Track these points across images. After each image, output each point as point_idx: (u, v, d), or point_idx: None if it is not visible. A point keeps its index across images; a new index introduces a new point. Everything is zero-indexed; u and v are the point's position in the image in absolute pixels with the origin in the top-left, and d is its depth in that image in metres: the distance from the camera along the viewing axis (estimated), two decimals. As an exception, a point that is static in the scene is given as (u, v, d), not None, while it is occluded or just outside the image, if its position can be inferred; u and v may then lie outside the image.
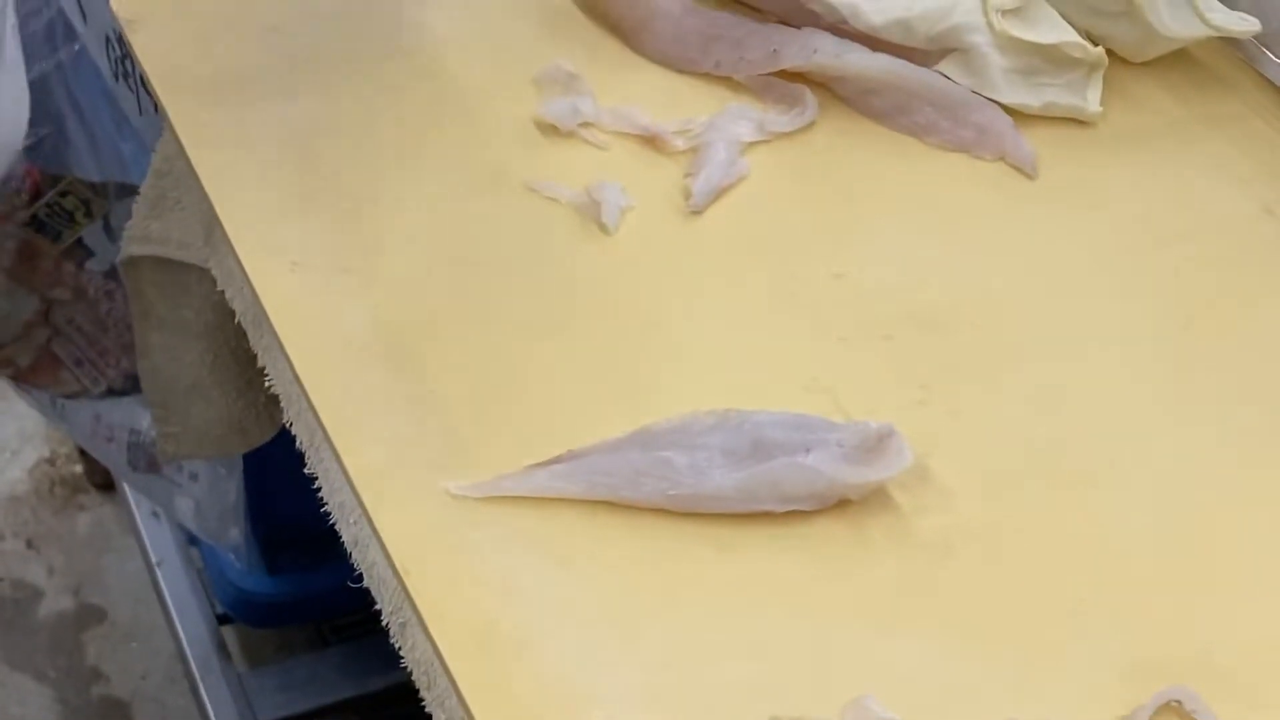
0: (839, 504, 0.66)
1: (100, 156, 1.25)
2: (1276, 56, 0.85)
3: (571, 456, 0.67)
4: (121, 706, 1.51)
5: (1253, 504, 0.68)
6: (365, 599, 1.14)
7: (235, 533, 1.25)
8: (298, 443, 0.72)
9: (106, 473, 1.57)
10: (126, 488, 1.43)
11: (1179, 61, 0.86)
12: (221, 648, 1.39)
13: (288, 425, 0.73)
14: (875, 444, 0.66)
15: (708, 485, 0.65)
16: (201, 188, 0.78)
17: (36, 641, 1.52)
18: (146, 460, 1.29)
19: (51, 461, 1.69)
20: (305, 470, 0.71)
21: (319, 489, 0.71)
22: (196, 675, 1.36)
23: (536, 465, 0.67)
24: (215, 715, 1.32)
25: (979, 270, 0.77)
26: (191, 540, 1.39)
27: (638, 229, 0.78)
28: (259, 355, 0.76)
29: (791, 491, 0.65)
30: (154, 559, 1.43)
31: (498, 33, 0.86)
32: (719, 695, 0.61)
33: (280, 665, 1.40)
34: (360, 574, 0.68)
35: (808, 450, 0.66)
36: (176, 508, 1.29)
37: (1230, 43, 0.86)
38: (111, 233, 1.27)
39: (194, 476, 1.25)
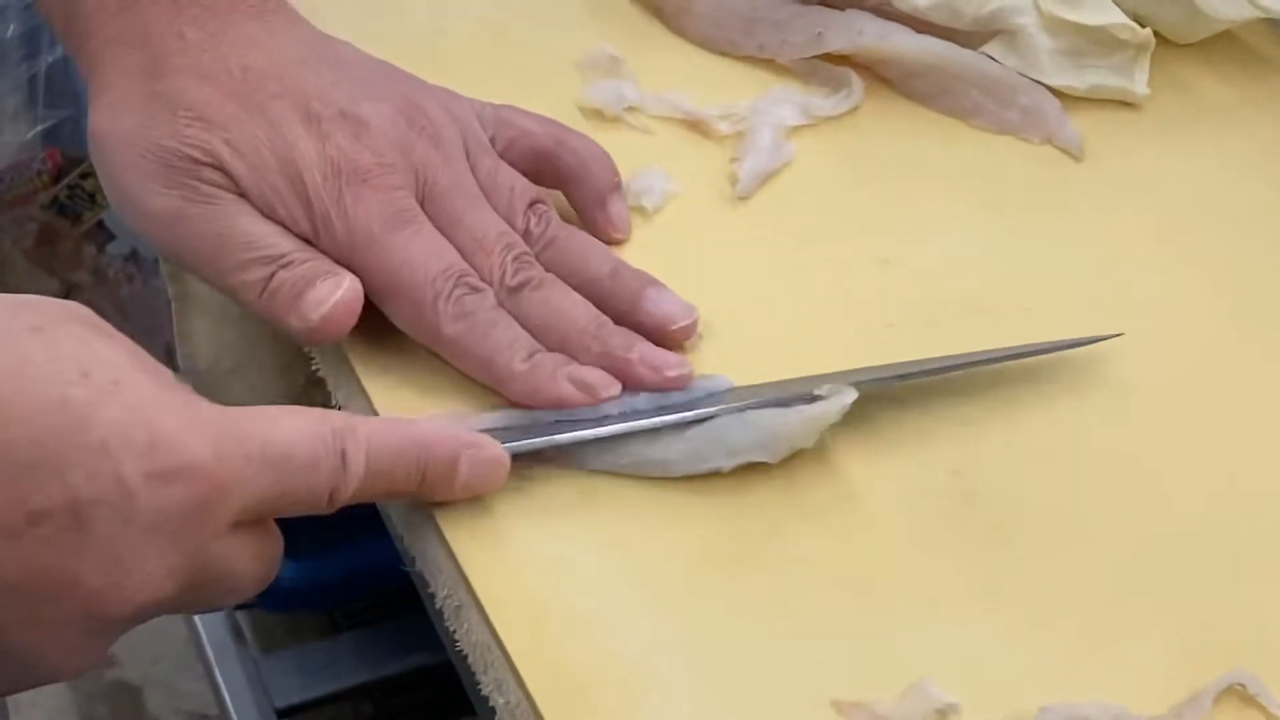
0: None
1: (122, 138, 1.24)
2: (1323, 39, 0.85)
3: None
4: (133, 691, 1.51)
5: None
6: (379, 585, 1.13)
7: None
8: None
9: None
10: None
11: (1225, 43, 0.85)
12: (236, 632, 1.39)
13: (336, 407, 0.73)
14: (824, 394, 0.67)
15: (656, 453, 0.66)
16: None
17: (51, 627, 1.52)
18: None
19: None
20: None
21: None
22: (212, 659, 1.36)
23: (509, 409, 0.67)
24: (232, 700, 1.32)
25: (1025, 254, 0.77)
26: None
27: (683, 214, 0.78)
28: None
29: (737, 444, 0.66)
30: (170, 543, 1.42)
31: (541, 17, 0.86)
32: (776, 677, 0.60)
33: (295, 650, 1.40)
34: (386, 560, 0.68)
35: (754, 407, 0.66)
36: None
37: (1276, 25, 0.86)
38: (132, 216, 1.26)
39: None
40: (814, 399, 0.67)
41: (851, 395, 0.67)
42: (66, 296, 1.29)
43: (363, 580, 1.25)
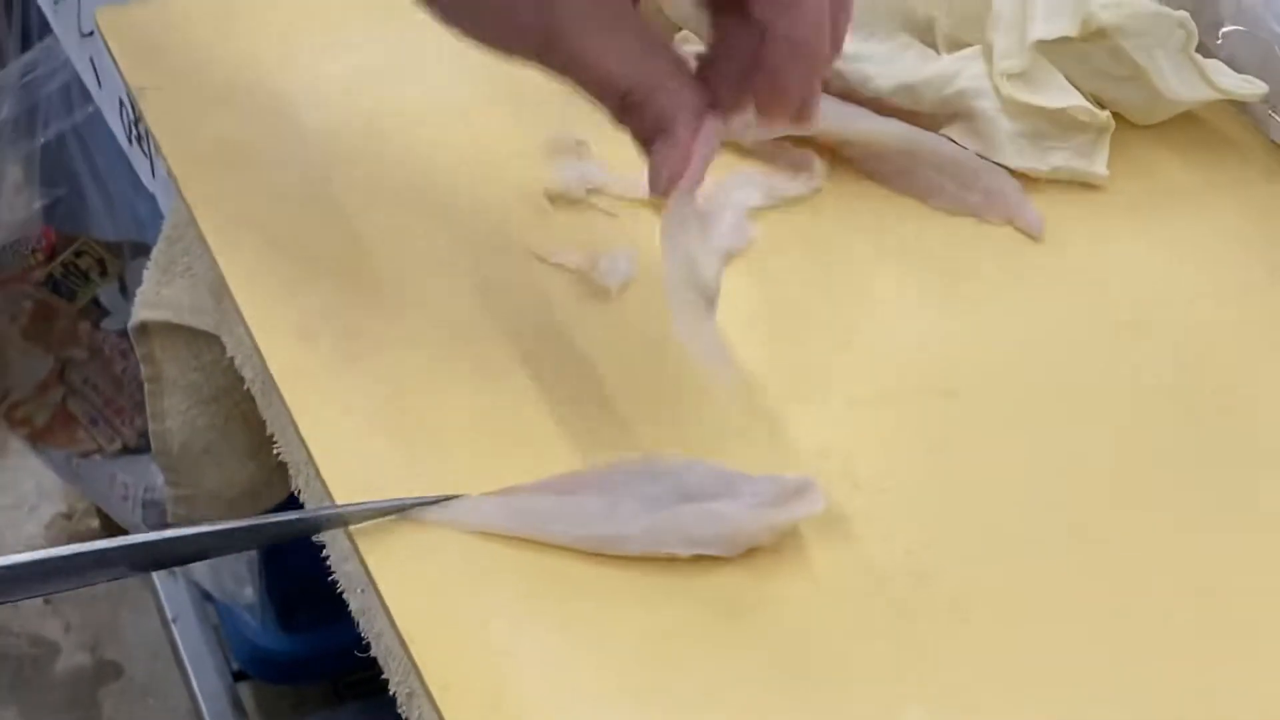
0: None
1: (115, 217, 1.26)
2: (1283, 120, 0.85)
3: (510, 491, 0.68)
4: (134, 765, 1.52)
5: (1269, 570, 0.68)
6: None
7: (249, 591, 1.25)
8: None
9: (123, 528, 1.58)
10: (142, 544, 1.43)
11: (1186, 124, 0.86)
12: (237, 704, 1.39)
13: (296, 493, 0.74)
14: (791, 494, 0.67)
15: (614, 528, 0.67)
16: (211, 255, 0.78)
17: (53, 698, 1.53)
18: (162, 518, 1.29)
19: (68, 516, 1.70)
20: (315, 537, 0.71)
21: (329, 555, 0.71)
22: (214, 733, 1.37)
23: (483, 495, 0.68)
24: (234, 772, 1.32)
25: (987, 334, 0.77)
26: (207, 596, 1.39)
27: (645, 295, 0.78)
28: (268, 423, 0.76)
29: (697, 535, 0.66)
30: (170, 615, 1.43)
31: (508, 99, 0.87)
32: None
33: (298, 722, 1.41)
34: (368, 642, 0.68)
35: (718, 498, 0.67)
36: (191, 566, 1.29)
37: (1238, 106, 0.86)
38: (127, 292, 1.28)
39: (208, 534, 1.25)
40: (779, 498, 0.68)
41: (819, 505, 0.67)
42: (62, 372, 1.31)
43: (364, 650, 1.26)
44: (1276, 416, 0.75)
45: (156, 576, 1.43)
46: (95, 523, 1.67)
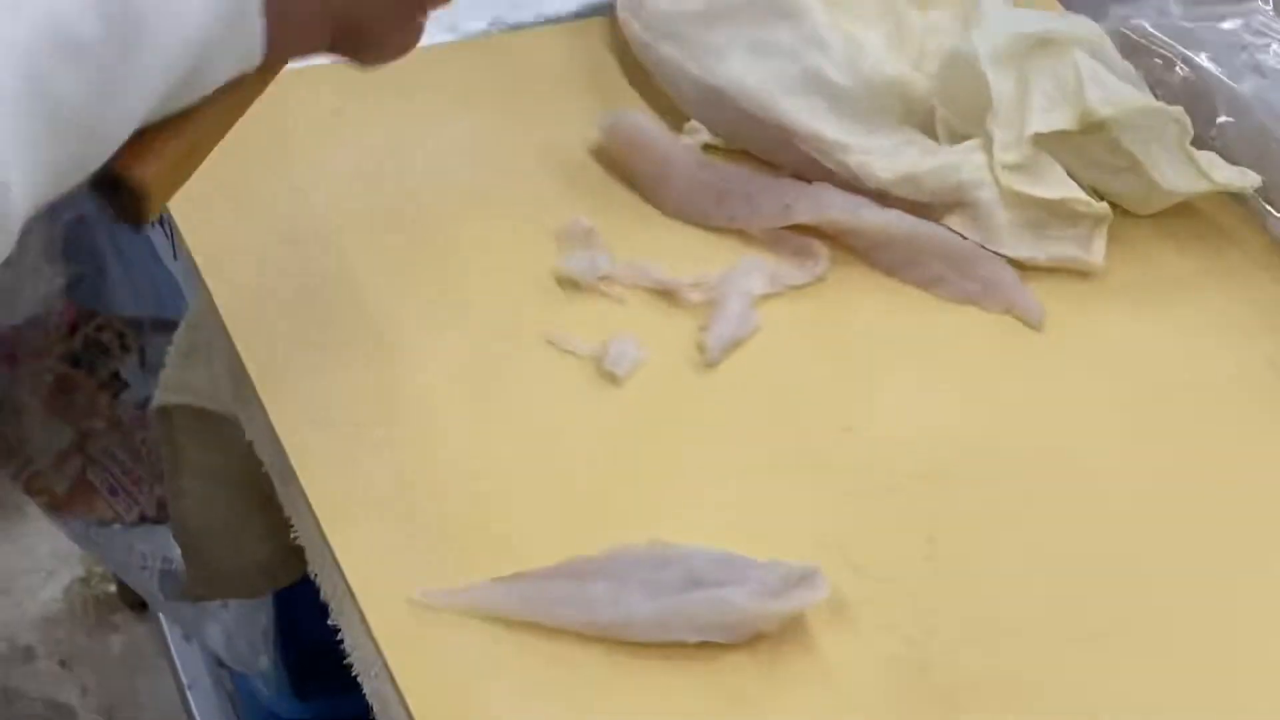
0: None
1: (137, 292, 1.28)
2: (1277, 210, 0.87)
3: (520, 576, 0.70)
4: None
5: (1266, 654, 0.70)
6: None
7: (265, 660, 1.26)
8: (322, 594, 0.74)
9: (139, 595, 1.59)
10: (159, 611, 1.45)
11: (1183, 214, 0.88)
12: (253, 780, 1.40)
13: (312, 575, 0.75)
14: (796, 581, 0.69)
15: (621, 614, 0.68)
16: (231, 342, 0.80)
17: (69, 763, 1.54)
18: (179, 588, 1.31)
19: (86, 581, 1.71)
20: (330, 620, 0.73)
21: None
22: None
23: (494, 580, 0.70)
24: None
25: (986, 422, 0.79)
26: (221, 664, 1.40)
27: (653, 380, 0.80)
28: (285, 507, 0.78)
29: (703, 622, 0.68)
30: (185, 681, 1.44)
31: (522, 188, 0.89)
32: None
33: (312, 791, 1.41)
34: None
35: (724, 585, 0.68)
36: (207, 634, 1.31)
37: (1233, 197, 0.88)
38: (146, 365, 1.30)
39: (224, 604, 1.27)
40: (784, 586, 0.69)
41: (823, 593, 0.69)
42: (82, 443, 1.32)
43: None
44: (1273, 500, 0.76)
45: (173, 642, 1.44)
46: (112, 588, 1.68)
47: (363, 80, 0.93)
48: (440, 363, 0.80)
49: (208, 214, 0.86)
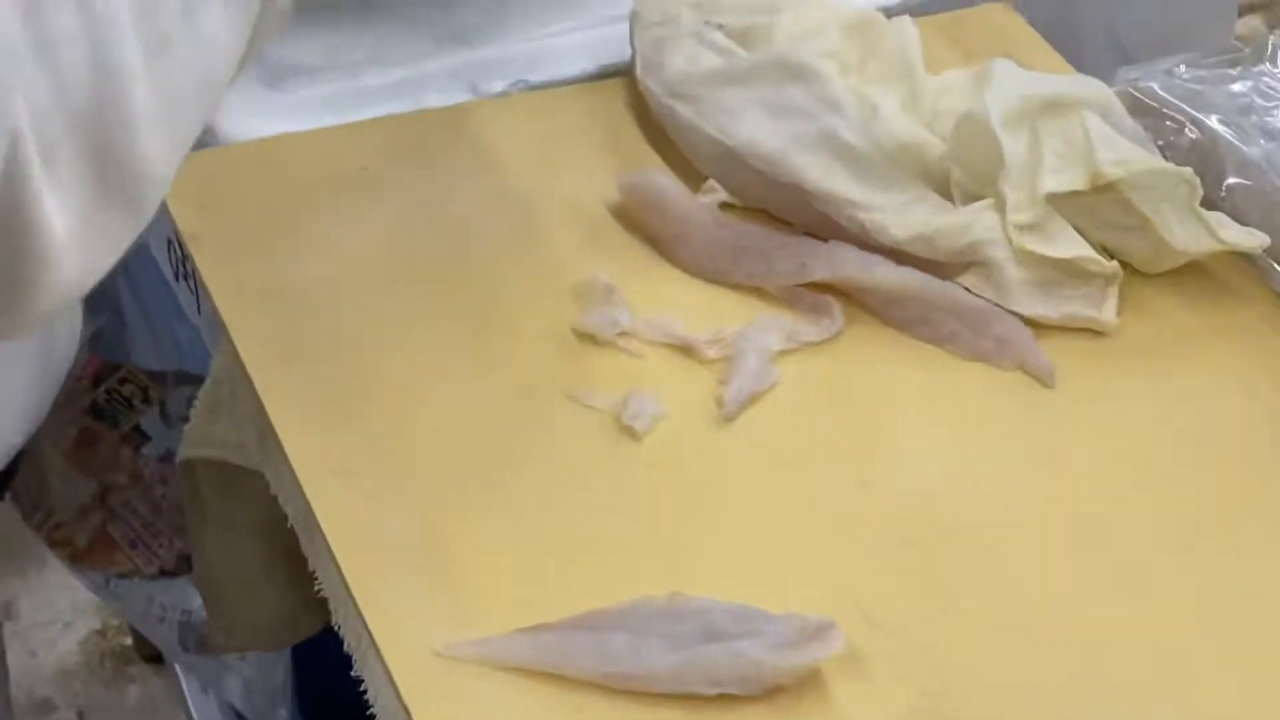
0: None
1: (159, 345, 1.29)
2: (1286, 270, 0.88)
3: (540, 628, 0.71)
4: None
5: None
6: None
7: (283, 713, 1.27)
8: (345, 645, 0.75)
9: (156, 648, 1.60)
10: (176, 664, 1.46)
11: (1192, 273, 0.89)
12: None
13: (336, 628, 0.76)
14: (812, 634, 0.70)
15: (640, 666, 0.69)
16: (256, 396, 0.82)
17: (85, 815, 1.54)
18: (197, 640, 1.32)
19: (103, 633, 1.72)
20: (353, 672, 0.74)
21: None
22: None
23: (515, 631, 0.71)
24: None
25: (999, 478, 0.80)
26: (240, 716, 1.41)
27: (671, 435, 0.81)
28: (309, 559, 0.79)
29: (720, 675, 0.69)
30: (203, 734, 1.45)
31: (542, 244, 0.90)
32: None
33: None
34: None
35: (741, 638, 0.70)
36: (225, 686, 1.32)
37: (1241, 256, 0.89)
38: (168, 419, 1.31)
39: (243, 656, 1.28)
40: (800, 639, 0.70)
41: (839, 646, 0.70)
42: (103, 496, 1.34)
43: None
44: (1275, 552, 0.77)
45: (189, 694, 1.45)
46: (129, 640, 1.69)
47: (388, 139, 0.95)
48: (462, 416, 0.81)
49: (233, 268, 0.88)
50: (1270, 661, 0.73)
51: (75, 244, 0.59)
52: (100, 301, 1.27)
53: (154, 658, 1.66)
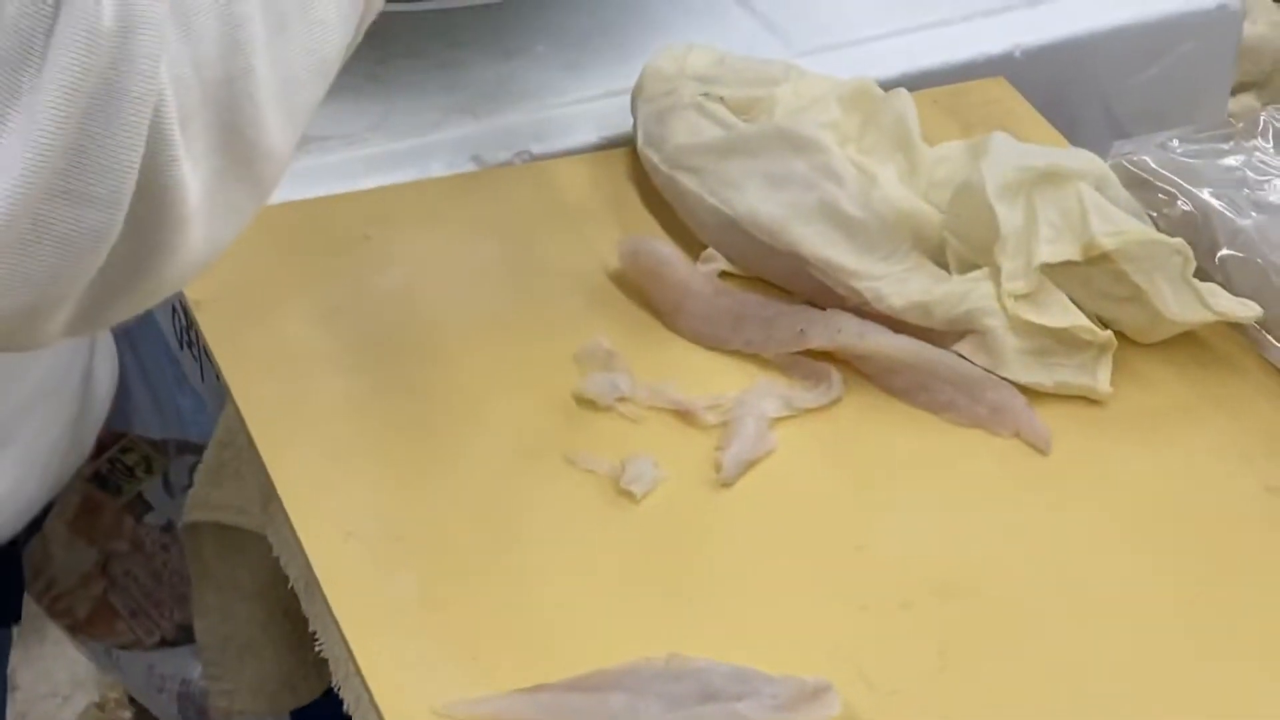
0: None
1: (162, 414, 1.30)
2: (1277, 340, 0.89)
3: (540, 689, 0.72)
4: None
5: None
6: None
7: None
8: (345, 706, 0.76)
9: (155, 719, 1.60)
10: (175, 735, 1.46)
11: (1186, 343, 0.90)
12: None
13: (336, 688, 0.77)
14: (809, 697, 0.70)
15: None
16: (260, 459, 0.83)
17: None
18: (196, 710, 1.32)
19: (101, 706, 1.72)
20: (351, 730, 0.75)
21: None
22: None
23: (514, 691, 0.71)
24: None
25: (994, 542, 0.81)
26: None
27: (669, 500, 0.82)
28: (311, 620, 0.80)
29: None
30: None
31: (544, 311, 0.91)
32: None
33: None
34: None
35: (739, 699, 0.70)
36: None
37: (1234, 326, 0.90)
38: (170, 488, 1.32)
39: (242, 725, 1.27)
40: (796, 700, 0.71)
41: (835, 709, 0.70)
42: (105, 565, 1.34)
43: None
44: (1270, 625, 0.78)
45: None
46: (128, 714, 1.69)
47: (392, 207, 0.97)
48: (463, 479, 0.82)
49: (237, 332, 0.89)
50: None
51: (204, 213, 0.61)
52: (104, 370, 1.29)
53: (153, 730, 1.65)
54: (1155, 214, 0.92)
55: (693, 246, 0.94)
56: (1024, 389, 0.87)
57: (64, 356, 0.91)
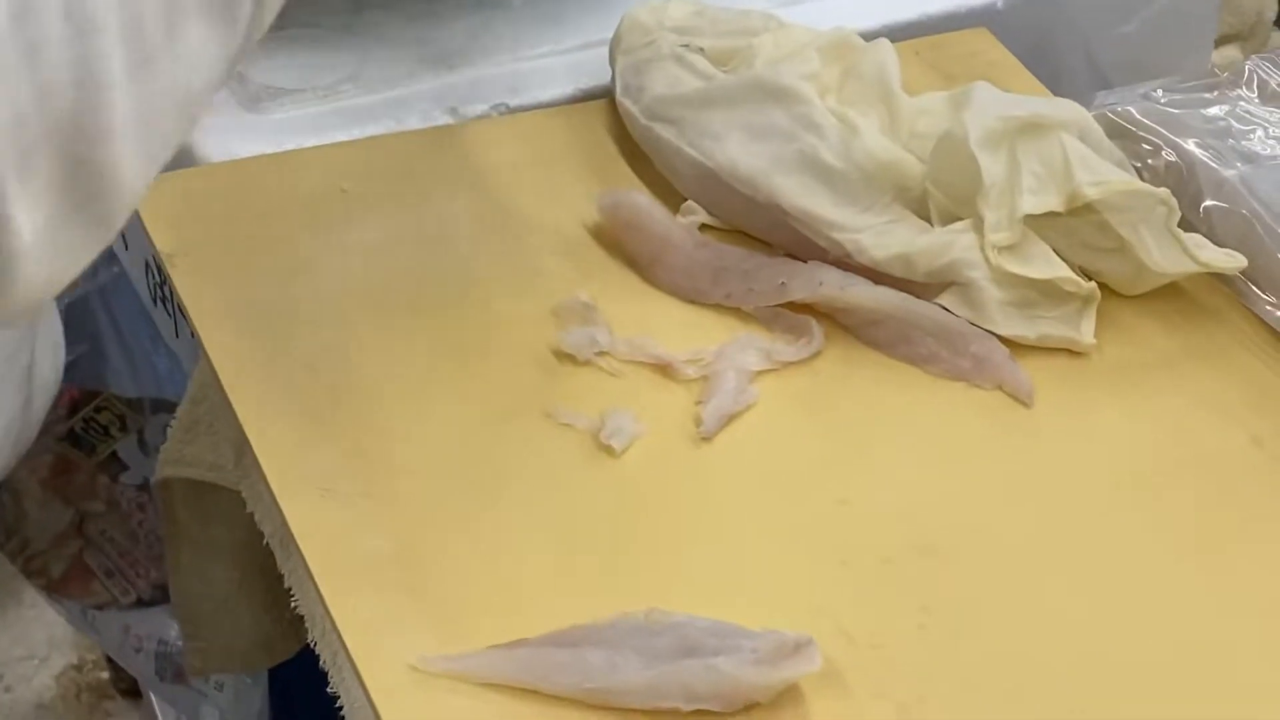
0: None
1: (136, 373, 1.29)
2: (1262, 291, 0.88)
3: (517, 644, 0.71)
4: None
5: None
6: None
7: (259, 743, 1.27)
8: (321, 662, 0.75)
9: (132, 680, 1.59)
10: (152, 695, 1.45)
11: (1169, 295, 0.89)
12: None
13: (312, 644, 0.76)
14: (790, 651, 0.70)
15: (616, 681, 0.69)
16: (234, 414, 0.81)
17: None
18: (174, 670, 1.31)
19: (79, 668, 1.71)
20: (329, 689, 0.74)
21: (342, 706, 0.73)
22: None
23: (493, 647, 0.71)
24: None
25: (977, 496, 0.80)
26: (216, 748, 1.40)
27: (649, 454, 0.81)
28: (285, 576, 0.79)
29: (697, 691, 0.69)
30: (180, 767, 1.44)
31: (522, 265, 0.90)
32: None
33: None
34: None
35: (718, 653, 0.69)
36: (202, 717, 1.31)
37: (1218, 277, 0.89)
38: (145, 447, 1.31)
39: (220, 686, 1.27)
40: (777, 655, 0.70)
41: (816, 663, 0.70)
42: (80, 525, 1.33)
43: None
44: (1256, 578, 0.77)
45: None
46: (105, 675, 1.68)
47: (367, 161, 0.95)
48: (441, 434, 0.81)
49: (210, 287, 0.87)
50: (1244, 678, 0.73)
51: (41, 251, 0.60)
52: (78, 329, 1.27)
53: (131, 692, 1.65)
54: (1139, 165, 0.92)
55: (672, 199, 0.93)
56: (1007, 341, 0.86)
57: (6, 349, 0.90)
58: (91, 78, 0.59)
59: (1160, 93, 0.94)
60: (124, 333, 1.29)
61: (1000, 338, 0.86)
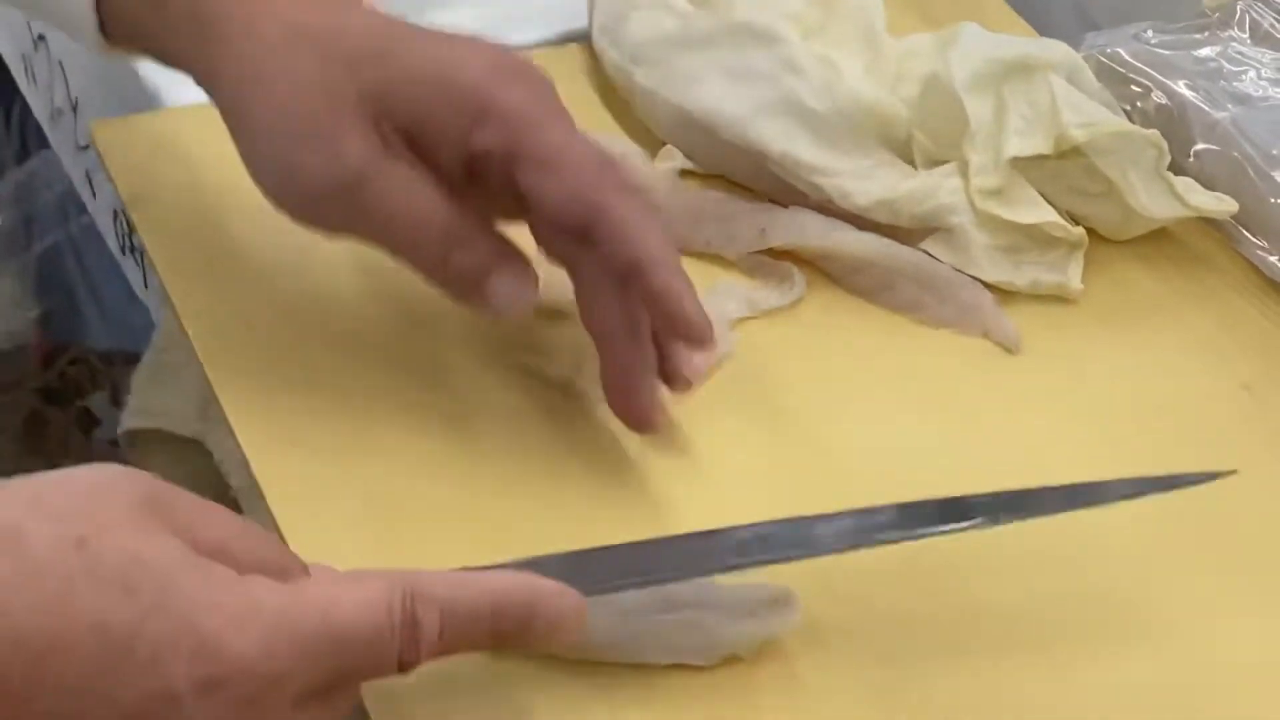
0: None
1: (109, 327, 1.28)
2: (1253, 236, 0.86)
3: None
4: None
5: (1248, 666, 0.70)
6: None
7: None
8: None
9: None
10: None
11: (1159, 240, 0.87)
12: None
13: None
14: (771, 604, 0.68)
15: (591, 635, 0.67)
16: (200, 363, 0.80)
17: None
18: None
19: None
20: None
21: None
22: None
23: None
24: None
25: (963, 443, 0.79)
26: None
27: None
28: (254, 529, 0.77)
29: (675, 645, 0.67)
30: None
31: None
32: None
33: None
34: None
35: (697, 607, 0.68)
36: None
37: (1209, 222, 0.88)
38: (118, 401, 1.29)
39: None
40: (757, 608, 0.69)
41: (797, 616, 0.69)
42: (53, 480, 1.32)
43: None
44: (1250, 524, 0.76)
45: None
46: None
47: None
48: (413, 383, 0.79)
49: (176, 234, 0.85)
50: (1230, 624, 0.72)
51: None
52: (50, 282, 1.26)
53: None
54: (1129, 107, 0.90)
55: (650, 144, 0.91)
56: (993, 287, 0.84)
57: None
58: None
59: (1150, 34, 0.92)
60: (95, 286, 1.27)
61: (986, 284, 0.84)
